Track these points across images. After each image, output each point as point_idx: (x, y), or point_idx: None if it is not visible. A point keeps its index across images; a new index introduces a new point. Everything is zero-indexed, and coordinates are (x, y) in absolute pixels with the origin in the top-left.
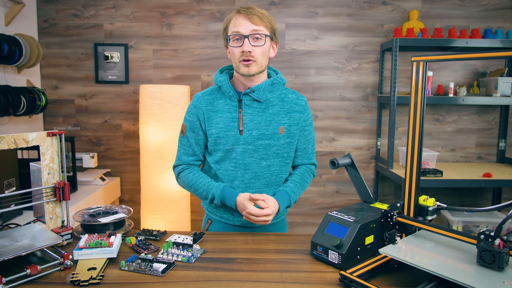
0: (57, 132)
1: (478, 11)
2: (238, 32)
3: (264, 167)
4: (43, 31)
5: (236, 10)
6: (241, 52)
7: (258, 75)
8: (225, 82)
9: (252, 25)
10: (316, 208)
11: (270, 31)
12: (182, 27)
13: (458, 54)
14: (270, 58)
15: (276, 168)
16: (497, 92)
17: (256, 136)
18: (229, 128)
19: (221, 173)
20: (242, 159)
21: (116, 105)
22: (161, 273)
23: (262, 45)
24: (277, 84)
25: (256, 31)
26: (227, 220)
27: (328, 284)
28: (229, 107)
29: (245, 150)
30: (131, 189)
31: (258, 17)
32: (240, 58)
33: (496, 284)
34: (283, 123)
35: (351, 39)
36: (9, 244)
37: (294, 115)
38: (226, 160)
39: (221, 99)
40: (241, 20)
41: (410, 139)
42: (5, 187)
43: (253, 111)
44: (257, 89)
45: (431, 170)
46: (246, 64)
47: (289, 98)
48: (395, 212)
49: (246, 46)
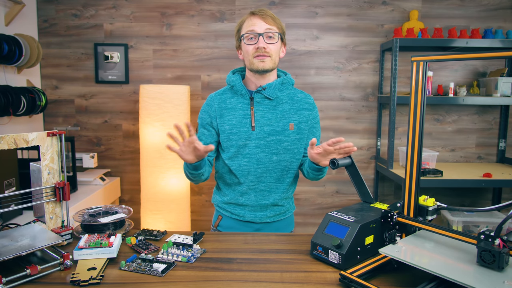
0: (57, 132)
1: (478, 11)
2: (253, 31)
3: (275, 161)
4: (43, 31)
5: (250, 12)
6: (256, 48)
7: (268, 75)
8: (237, 81)
9: (266, 24)
10: (316, 208)
11: (281, 31)
12: (182, 27)
13: (458, 54)
14: (280, 58)
15: (286, 163)
16: (497, 92)
17: (267, 132)
18: (242, 124)
19: (235, 168)
20: (254, 153)
21: (116, 105)
22: (161, 273)
23: (275, 42)
24: (286, 83)
25: (270, 29)
26: (237, 216)
27: (328, 284)
28: (241, 105)
29: (257, 145)
30: (131, 189)
31: (271, 18)
32: (254, 54)
33: (496, 284)
34: (293, 120)
35: (351, 39)
36: (9, 244)
37: (304, 113)
38: (239, 155)
39: (233, 97)
40: (256, 20)
41: (410, 139)
42: (5, 187)
43: (264, 108)
44: (268, 87)
45: (431, 170)
46: (261, 59)
47: (298, 97)
48: (395, 212)
49: (261, 43)
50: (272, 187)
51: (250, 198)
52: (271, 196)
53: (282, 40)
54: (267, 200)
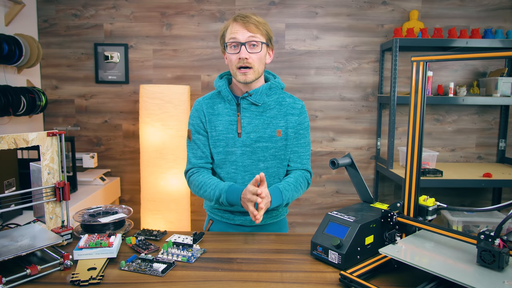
0: (57, 132)
1: (478, 11)
2: (235, 39)
3: (262, 168)
4: (43, 31)
5: (233, 18)
6: (238, 58)
7: (254, 82)
8: (223, 87)
9: (248, 32)
10: (316, 208)
11: (266, 38)
12: (182, 27)
13: (458, 54)
14: (266, 64)
15: (274, 170)
16: (497, 92)
17: (254, 139)
18: (228, 130)
19: (223, 176)
20: (241, 161)
21: (116, 105)
22: (161, 273)
23: (259, 52)
24: (275, 88)
25: (253, 37)
26: (228, 219)
27: (328, 284)
28: (228, 111)
29: (244, 152)
30: (131, 189)
31: (254, 25)
32: (237, 64)
33: (496, 284)
34: (280, 126)
35: (351, 39)
36: (9, 244)
37: (290, 118)
38: (227, 162)
39: (220, 103)
40: (238, 27)
41: (410, 139)
42: (5, 187)
43: (251, 114)
44: (254, 93)
45: (431, 170)
46: (243, 72)
47: (287, 101)
48: (395, 212)
49: (243, 53)
50: None
51: None
52: None
53: (268, 45)
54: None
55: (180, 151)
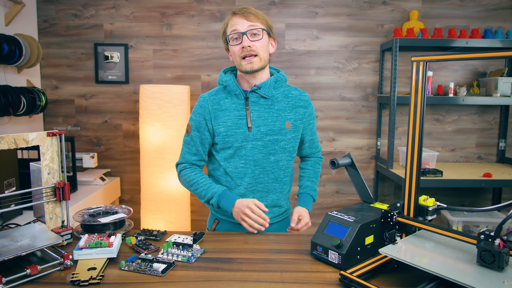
0: (57, 132)
1: (478, 11)
2: (236, 30)
3: (272, 162)
4: (43, 31)
5: (232, 12)
6: (241, 48)
7: (260, 73)
8: (231, 81)
9: (248, 22)
10: (316, 208)
11: (266, 26)
12: (182, 27)
13: (458, 54)
14: (271, 55)
15: (284, 163)
16: (497, 92)
17: (264, 132)
18: (238, 125)
19: (231, 170)
20: (251, 155)
21: (116, 105)
22: (161, 273)
23: (260, 39)
24: (280, 81)
25: (253, 26)
26: (234, 219)
27: (328, 284)
28: (236, 105)
29: (255, 146)
30: (131, 189)
31: (253, 14)
32: (241, 54)
33: (496, 284)
34: (289, 118)
35: (351, 39)
36: (9, 244)
37: (299, 110)
38: (236, 157)
39: (227, 98)
40: (238, 19)
41: (410, 139)
42: (5, 187)
43: (260, 107)
44: (263, 86)
45: (431, 170)
46: (248, 60)
47: (293, 94)
48: (395, 212)
49: (245, 42)
50: (270, 187)
51: None
52: (269, 197)
53: (269, 35)
54: (266, 201)
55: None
